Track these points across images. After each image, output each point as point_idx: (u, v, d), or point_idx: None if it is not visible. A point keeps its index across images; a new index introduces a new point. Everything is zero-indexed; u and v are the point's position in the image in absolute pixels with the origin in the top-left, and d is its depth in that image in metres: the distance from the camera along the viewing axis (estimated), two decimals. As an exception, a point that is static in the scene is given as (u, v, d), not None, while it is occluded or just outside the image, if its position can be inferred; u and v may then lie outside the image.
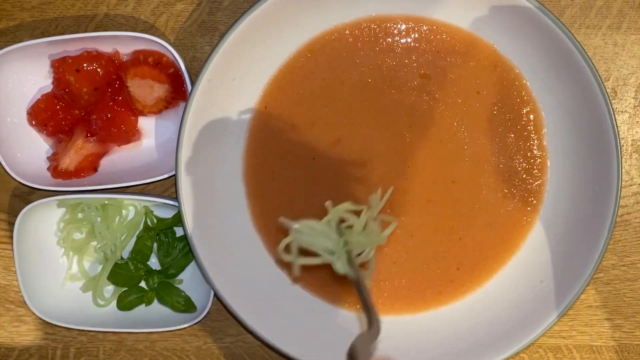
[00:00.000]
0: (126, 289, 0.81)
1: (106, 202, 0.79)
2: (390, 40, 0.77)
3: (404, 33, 0.77)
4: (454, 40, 0.77)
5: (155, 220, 0.80)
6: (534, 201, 0.79)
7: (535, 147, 0.78)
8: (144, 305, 0.81)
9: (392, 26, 0.77)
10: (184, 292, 0.80)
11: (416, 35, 0.77)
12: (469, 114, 0.78)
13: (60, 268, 0.82)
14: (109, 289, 0.82)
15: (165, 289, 0.80)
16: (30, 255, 0.80)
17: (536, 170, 0.78)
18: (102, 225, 0.80)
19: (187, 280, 0.82)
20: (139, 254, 0.80)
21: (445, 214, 0.79)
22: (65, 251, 0.82)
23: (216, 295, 0.76)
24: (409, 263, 0.79)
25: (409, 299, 0.79)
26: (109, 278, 0.81)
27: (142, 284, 0.82)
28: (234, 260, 0.78)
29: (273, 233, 0.79)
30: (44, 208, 0.79)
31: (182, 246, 0.80)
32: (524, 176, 0.78)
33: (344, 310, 0.80)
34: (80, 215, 0.81)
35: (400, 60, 0.77)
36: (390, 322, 0.79)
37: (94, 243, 0.82)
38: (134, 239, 0.82)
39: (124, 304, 0.81)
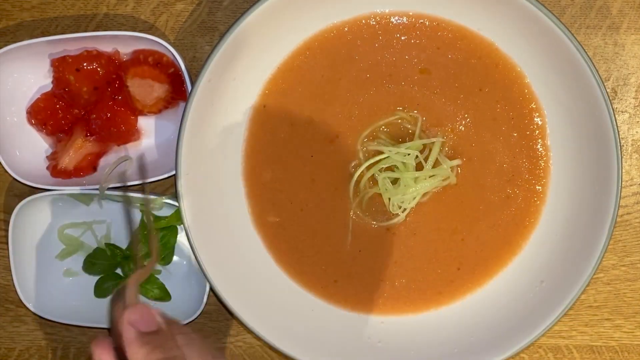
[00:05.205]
0: (102, 275, 0.81)
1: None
2: (389, 36, 0.77)
3: (403, 30, 0.77)
4: (454, 37, 0.77)
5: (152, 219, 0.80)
6: (538, 202, 0.79)
7: (538, 147, 0.78)
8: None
9: (392, 22, 0.77)
10: (159, 280, 0.80)
11: (416, 32, 0.77)
12: (472, 110, 0.78)
13: (56, 263, 0.82)
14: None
15: None
16: (24, 251, 0.80)
17: (539, 171, 0.78)
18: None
19: (182, 278, 0.82)
20: (132, 251, 0.80)
21: (448, 214, 0.79)
22: (63, 249, 0.82)
23: (216, 295, 0.76)
24: (410, 263, 0.79)
25: (409, 298, 0.79)
26: (84, 269, 0.81)
27: (119, 271, 0.82)
28: (234, 259, 0.78)
29: (273, 232, 0.79)
30: (38, 204, 0.79)
31: (162, 236, 0.80)
32: (527, 177, 0.78)
33: (344, 310, 0.80)
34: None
35: (400, 56, 0.77)
36: (391, 322, 0.79)
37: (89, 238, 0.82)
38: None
39: (101, 291, 0.80)
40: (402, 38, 0.77)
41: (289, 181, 0.79)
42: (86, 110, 0.79)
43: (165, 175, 0.77)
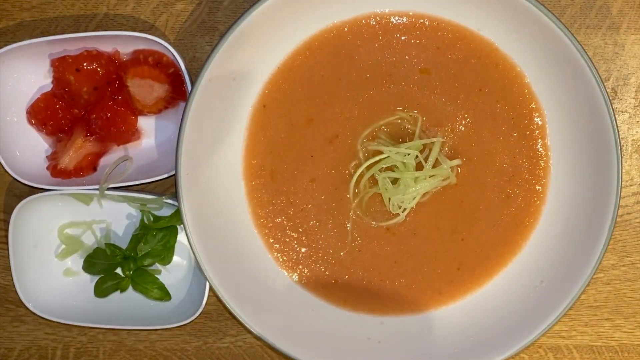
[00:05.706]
0: (102, 275, 0.81)
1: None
2: (389, 36, 0.77)
3: (403, 30, 0.77)
4: (454, 37, 0.77)
5: (152, 219, 0.80)
6: (538, 202, 0.79)
7: (538, 147, 0.78)
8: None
9: (392, 22, 0.77)
10: (160, 280, 0.81)
11: (416, 32, 0.77)
12: (472, 110, 0.78)
13: (56, 263, 0.82)
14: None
15: (140, 277, 0.80)
16: (24, 251, 0.80)
17: (539, 171, 0.78)
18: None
19: (182, 278, 0.82)
20: (133, 251, 0.80)
21: (448, 214, 0.79)
22: (63, 249, 0.82)
23: (216, 295, 0.76)
24: (410, 263, 0.79)
25: (409, 298, 0.79)
26: (84, 269, 0.81)
27: (119, 271, 0.82)
28: (234, 259, 0.78)
29: (273, 232, 0.79)
30: (38, 204, 0.79)
31: (162, 236, 0.80)
32: (527, 177, 0.78)
33: (344, 310, 0.80)
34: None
35: (400, 56, 0.78)
36: (391, 322, 0.79)
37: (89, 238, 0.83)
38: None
39: (101, 291, 0.81)
40: (402, 38, 0.77)
41: (289, 181, 0.79)
42: (86, 110, 0.79)
43: (165, 175, 0.77)
